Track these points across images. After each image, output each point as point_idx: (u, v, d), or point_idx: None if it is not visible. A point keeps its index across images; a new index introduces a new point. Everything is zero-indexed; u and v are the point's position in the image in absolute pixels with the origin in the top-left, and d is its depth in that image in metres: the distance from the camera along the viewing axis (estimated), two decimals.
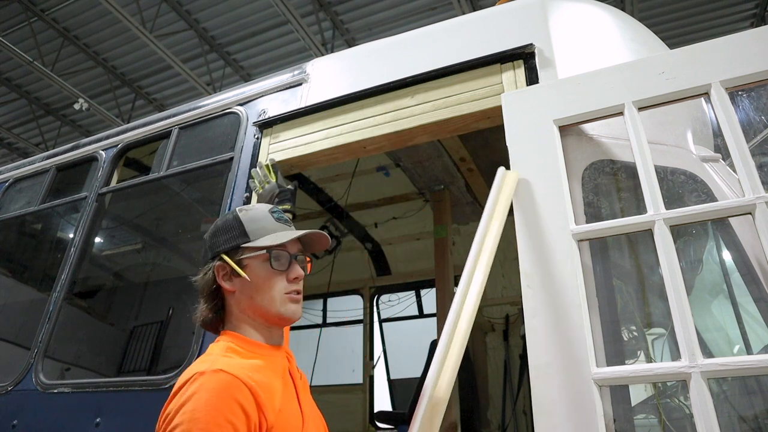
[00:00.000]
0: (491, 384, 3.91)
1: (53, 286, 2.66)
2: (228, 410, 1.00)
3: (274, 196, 2.03)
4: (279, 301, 1.26)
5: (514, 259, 1.51)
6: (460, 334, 1.34)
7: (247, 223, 1.30)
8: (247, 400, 1.03)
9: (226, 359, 1.14)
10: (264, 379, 1.12)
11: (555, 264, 1.44)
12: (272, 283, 1.26)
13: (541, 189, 1.56)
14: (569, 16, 2.03)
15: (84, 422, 2.14)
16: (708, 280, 1.67)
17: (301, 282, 1.31)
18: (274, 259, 1.27)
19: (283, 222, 1.33)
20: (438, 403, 1.25)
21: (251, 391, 1.05)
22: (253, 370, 1.12)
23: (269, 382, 1.13)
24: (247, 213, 1.33)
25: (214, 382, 1.04)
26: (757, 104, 1.72)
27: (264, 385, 1.10)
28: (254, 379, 1.08)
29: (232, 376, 1.05)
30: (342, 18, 8.54)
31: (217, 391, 1.02)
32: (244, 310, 1.27)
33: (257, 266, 1.26)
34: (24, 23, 8.78)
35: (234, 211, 1.35)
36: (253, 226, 1.30)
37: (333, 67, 2.47)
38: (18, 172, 3.45)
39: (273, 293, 1.25)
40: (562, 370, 1.32)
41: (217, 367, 1.07)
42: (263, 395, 1.07)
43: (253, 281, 1.25)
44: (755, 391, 1.41)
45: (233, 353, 1.18)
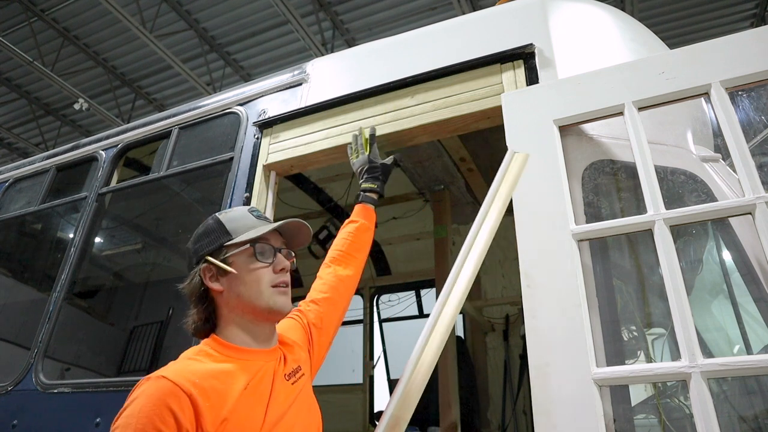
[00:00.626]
0: (491, 384, 3.91)
1: (53, 286, 2.66)
2: (157, 417, 1.03)
3: (363, 171, 1.98)
4: (267, 293, 1.27)
5: (514, 259, 1.51)
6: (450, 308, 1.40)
7: (228, 223, 1.33)
8: (182, 407, 1.06)
9: (184, 363, 1.17)
10: (218, 385, 1.13)
11: (555, 264, 1.44)
12: (258, 276, 1.27)
13: (541, 189, 1.56)
14: (569, 16, 2.03)
15: (84, 422, 2.14)
16: (708, 280, 1.67)
17: (288, 274, 1.32)
18: (259, 252, 1.29)
19: (263, 219, 1.36)
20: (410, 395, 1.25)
21: (190, 398, 1.07)
22: (209, 376, 1.14)
23: (224, 388, 1.14)
24: (227, 214, 1.36)
25: (152, 389, 1.08)
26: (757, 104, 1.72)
27: (214, 392, 1.11)
28: (202, 386, 1.10)
29: (171, 383, 1.08)
30: (342, 18, 8.54)
31: (153, 398, 1.06)
32: (233, 309, 1.28)
33: (242, 262, 1.28)
34: (24, 23, 8.79)
35: (213, 215, 1.37)
36: (234, 225, 1.32)
37: (333, 67, 2.47)
38: (18, 172, 3.45)
39: (260, 286, 1.27)
40: (562, 370, 1.32)
41: (160, 374, 1.10)
42: (206, 403, 1.08)
43: (239, 276, 1.27)
44: (755, 391, 1.41)
45: (204, 356, 1.21)
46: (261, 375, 1.24)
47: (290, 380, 1.31)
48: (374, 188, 1.94)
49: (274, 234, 1.35)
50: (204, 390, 1.10)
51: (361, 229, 1.84)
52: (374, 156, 2.00)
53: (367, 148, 2.02)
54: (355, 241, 1.79)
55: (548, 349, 1.36)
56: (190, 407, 1.07)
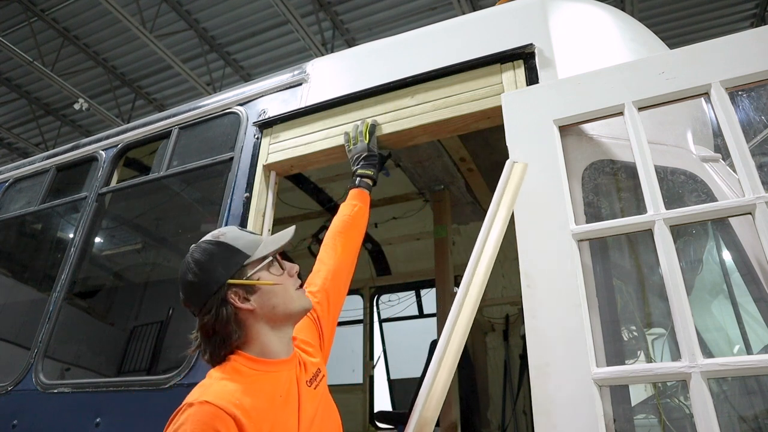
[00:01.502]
0: (491, 384, 3.91)
1: (53, 286, 2.66)
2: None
3: (361, 158, 2.04)
4: (296, 296, 1.34)
5: (514, 259, 1.51)
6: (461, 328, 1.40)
7: (235, 243, 1.32)
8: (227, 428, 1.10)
9: (221, 385, 1.19)
10: (256, 403, 1.17)
11: (555, 264, 1.44)
12: (286, 285, 1.33)
13: (541, 189, 1.56)
14: (569, 16, 2.03)
15: (84, 422, 2.14)
16: (708, 280, 1.67)
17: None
18: (277, 262, 1.35)
19: (252, 232, 1.43)
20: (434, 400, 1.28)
21: (234, 419, 1.11)
22: (246, 393, 1.18)
23: (261, 405, 1.18)
24: (227, 235, 1.35)
25: (198, 415, 1.11)
26: (757, 104, 1.72)
27: (254, 410, 1.15)
28: (242, 406, 1.14)
29: (215, 407, 1.11)
30: (342, 18, 8.54)
31: (200, 423, 1.09)
32: (267, 322, 1.30)
33: (266, 275, 1.31)
34: (24, 23, 8.79)
35: (207, 241, 1.34)
36: (241, 243, 1.33)
37: (333, 67, 2.47)
38: (18, 172, 3.45)
39: (290, 292, 1.33)
40: (562, 370, 1.32)
41: (203, 399, 1.13)
42: (249, 422, 1.13)
43: (272, 289, 1.30)
44: (755, 391, 1.41)
45: (236, 374, 1.23)
46: (288, 385, 1.28)
47: (312, 385, 1.36)
48: (370, 174, 2.01)
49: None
50: (245, 410, 1.14)
51: (360, 213, 1.91)
52: (373, 145, 2.05)
53: (367, 137, 2.06)
54: (354, 223, 1.86)
55: (548, 349, 1.36)
56: (235, 428, 1.11)
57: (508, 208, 1.57)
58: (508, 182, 1.60)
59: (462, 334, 1.41)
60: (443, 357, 1.38)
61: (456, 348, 1.40)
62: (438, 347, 1.40)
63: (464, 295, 1.47)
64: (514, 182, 1.60)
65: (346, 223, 1.86)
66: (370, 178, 2.01)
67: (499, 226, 1.55)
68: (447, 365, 1.37)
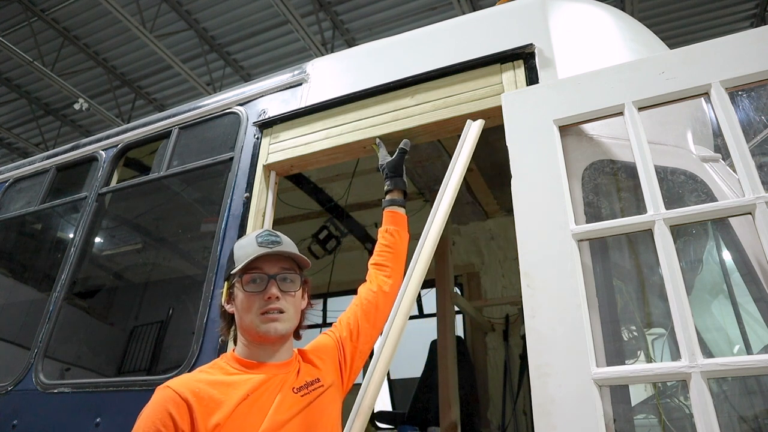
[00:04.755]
0: (491, 384, 3.90)
1: (53, 286, 2.66)
2: (159, 420, 1.20)
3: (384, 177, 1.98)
4: (256, 321, 1.37)
5: (514, 259, 1.51)
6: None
7: (236, 250, 1.44)
8: (179, 412, 1.21)
9: (193, 374, 1.35)
10: (217, 394, 1.26)
11: (555, 264, 1.44)
12: (249, 304, 1.37)
13: (541, 189, 1.56)
14: (569, 16, 2.03)
15: (84, 422, 2.14)
16: (708, 280, 1.67)
17: (281, 301, 1.38)
18: (249, 281, 1.38)
19: (267, 244, 1.41)
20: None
21: (187, 404, 1.22)
22: (211, 384, 1.29)
23: (222, 397, 1.26)
24: (240, 241, 1.48)
25: (157, 397, 1.26)
26: (757, 104, 1.71)
27: (211, 400, 1.25)
28: (199, 394, 1.25)
29: (172, 391, 1.25)
30: (342, 18, 8.54)
31: (156, 404, 1.24)
32: (239, 329, 1.42)
33: (239, 290, 1.40)
34: (24, 23, 8.79)
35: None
36: (239, 253, 1.42)
37: (333, 67, 2.47)
38: (18, 172, 3.45)
39: (251, 314, 1.37)
40: (562, 370, 1.32)
41: (166, 384, 1.27)
42: (201, 408, 1.22)
43: (237, 303, 1.40)
44: (755, 391, 1.41)
45: (216, 369, 1.37)
46: (266, 387, 1.33)
47: (299, 393, 1.38)
48: (388, 188, 1.93)
49: (273, 260, 1.40)
50: (201, 398, 1.24)
51: (387, 237, 1.84)
52: (381, 158, 2.00)
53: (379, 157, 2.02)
54: (386, 250, 1.83)
55: (548, 349, 1.36)
56: (187, 412, 1.22)
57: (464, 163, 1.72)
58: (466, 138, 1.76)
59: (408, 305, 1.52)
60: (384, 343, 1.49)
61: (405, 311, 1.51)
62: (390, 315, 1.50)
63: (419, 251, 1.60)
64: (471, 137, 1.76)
65: (378, 254, 1.83)
66: (389, 192, 1.93)
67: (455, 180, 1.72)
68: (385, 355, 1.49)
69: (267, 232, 1.46)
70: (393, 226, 1.86)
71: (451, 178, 1.73)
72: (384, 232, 1.85)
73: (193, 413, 1.21)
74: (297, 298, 1.44)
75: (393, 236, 1.84)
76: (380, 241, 1.84)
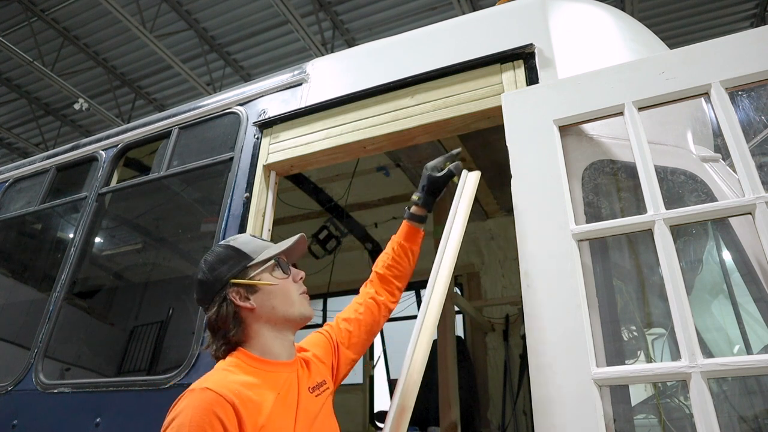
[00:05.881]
0: (491, 384, 3.90)
1: (53, 286, 2.66)
2: (208, 425, 1.11)
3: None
4: (298, 301, 1.38)
5: (514, 259, 1.51)
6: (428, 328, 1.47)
7: (243, 247, 1.41)
8: (227, 415, 1.13)
9: (222, 374, 1.24)
10: (253, 396, 1.20)
11: (555, 264, 1.44)
12: (287, 288, 1.38)
13: (541, 189, 1.56)
14: (569, 16, 2.03)
15: (84, 422, 2.14)
16: (708, 280, 1.67)
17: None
18: (283, 266, 1.39)
19: (264, 240, 1.47)
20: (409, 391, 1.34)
21: (233, 407, 1.14)
22: (245, 386, 1.21)
23: (259, 399, 1.21)
24: (237, 240, 1.43)
25: (198, 399, 1.15)
26: (757, 104, 1.71)
27: (250, 402, 1.18)
28: (241, 395, 1.18)
29: (215, 393, 1.15)
30: (342, 18, 8.54)
31: (201, 408, 1.13)
32: (266, 323, 1.35)
33: (268, 278, 1.37)
34: (24, 23, 8.78)
35: (220, 245, 1.43)
36: (249, 248, 1.40)
37: (333, 67, 2.47)
38: (18, 172, 3.45)
39: (291, 296, 1.38)
40: (562, 370, 1.32)
41: (204, 386, 1.17)
42: (245, 411, 1.15)
43: (272, 290, 1.36)
44: (755, 391, 1.41)
45: (235, 367, 1.28)
46: (288, 386, 1.31)
47: (314, 393, 1.37)
48: (417, 202, 1.74)
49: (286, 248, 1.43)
50: (243, 399, 1.17)
51: (398, 251, 1.74)
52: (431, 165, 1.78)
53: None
54: (394, 265, 1.74)
55: (548, 349, 1.36)
56: (234, 415, 1.14)
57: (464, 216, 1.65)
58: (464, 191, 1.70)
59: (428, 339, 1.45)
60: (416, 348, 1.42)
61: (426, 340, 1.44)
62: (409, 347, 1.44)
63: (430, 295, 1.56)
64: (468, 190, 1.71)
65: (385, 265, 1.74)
66: (413, 203, 1.74)
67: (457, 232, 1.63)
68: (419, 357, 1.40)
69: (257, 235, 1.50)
70: (407, 243, 1.74)
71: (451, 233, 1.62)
72: (405, 251, 1.75)
73: (241, 416, 1.15)
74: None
75: (408, 257, 1.75)
76: (396, 256, 1.73)
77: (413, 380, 1.35)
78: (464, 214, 1.66)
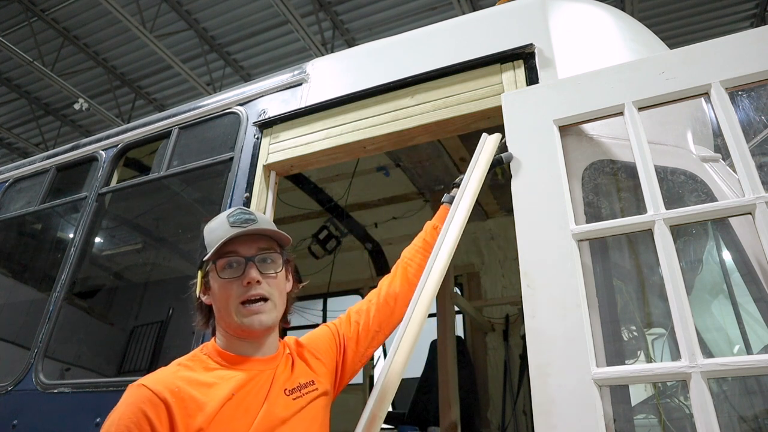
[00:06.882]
0: (491, 384, 3.90)
1: (53, 286, 2.66)
2: (134, 423, 1.07)
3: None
4: (235, 311, 1.21)
5: (514, 259, 1.51)
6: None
7: (207, 235, 1.29)
8: (157, 414, 1.08)
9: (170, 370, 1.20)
10: (197, 395, 1.13)
11: (555, 264, 1.44)
12: (226, 293, 1.22)
13: (541, 189, 1.56)
14: (569, 16, 2.03)
15: (84, 422, 2.14)
16: (708, 280, 1.67)
17: (263, 286, 1.23)
18: (224, 267, 1.23)
19: (240, 224, 1.25)
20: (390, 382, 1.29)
21: (165, 405, 1.09)
22: (191, 383, 1.15)
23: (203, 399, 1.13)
24: (208, 225, 1.31)
25: (131, 397, 1.12)
26: (757, 104, 1.71)
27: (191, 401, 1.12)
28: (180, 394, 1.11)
29: (149, 390, 1.11)
30: (342, 18, 8.54)
31: (131, 406, 1.10)
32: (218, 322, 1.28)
33: (214, 278, 1.24)
34: (24, 23, 8.78)
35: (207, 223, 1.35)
36: (210, 237, 1.27)
37: (333, 67, 2.47)
38: (18, 172, 3.45)
39: (228, 304, 1.22)
40: (562, 370, 1.32)
41: (140, 382, 1.14)
42: (180, 411, 1.10)
43: (214, 292, 1.25)
44: (755, 391, 1.41)
45: (196, 362, 1.22)
46: (252, 385, 1.20)
47: (292, 395, 1.25)
48: (456, 182, 1.68)
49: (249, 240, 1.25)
50: (182, 398, 1.11)
51: (433, 234, 1.62)
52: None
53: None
54: (423, 248, 1.61)
55: (548, 349, 1.36)
56: (166, 414, 1.08)
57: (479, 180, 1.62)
58: (481, 154, 1.66)
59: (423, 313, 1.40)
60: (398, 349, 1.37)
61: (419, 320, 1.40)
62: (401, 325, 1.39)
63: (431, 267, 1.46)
64: (486, 154, 1.66)
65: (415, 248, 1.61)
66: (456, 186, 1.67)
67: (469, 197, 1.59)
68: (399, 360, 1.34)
69: (239, 210, 1.29)
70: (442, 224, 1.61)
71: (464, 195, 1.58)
72: (431, 228, 1.64)
73: (173, 415, 1.08)
74: (280, 280, 1.28)
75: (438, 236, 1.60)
76: (423, 235, 1.63)
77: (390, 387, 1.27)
78: (479, 178, 1.60)
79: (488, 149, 1.66)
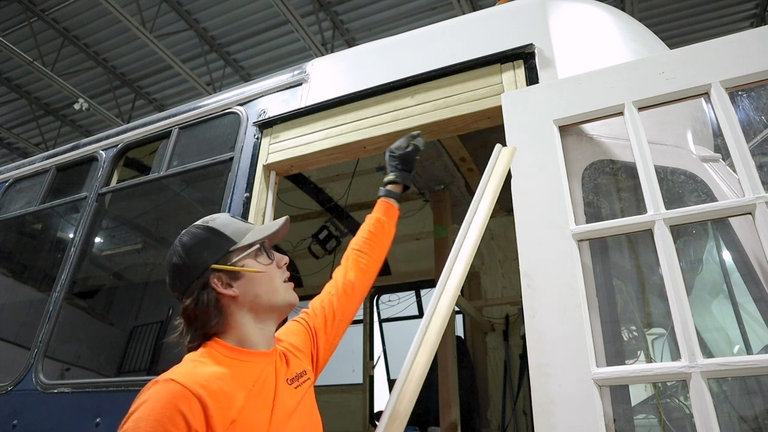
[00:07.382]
0: (491, 384, 3.91)
1: (53, 286, 2.66)
2: (168, 420, 1.01)
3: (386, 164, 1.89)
4: (282, 288, 1.32)
5: (514, 259, 1.51)
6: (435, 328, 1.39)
7: (224, 229, 1.31)
8: (192, 410, 1.04)
9: (191, 365, 1.15)
10: (225, 388, 1.12)
11: (555, 264, 1.44)
12: (272, 274, 1.31)
13: (541, 189, 1.56)
14: (569, 16, 2.03)
15: (84, 422, 2.14)
16: (708, 280, 1.67)
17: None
18: (267, 251, 1.33)
19: (245, 221, 1.41)
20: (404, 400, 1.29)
21: (200, 401, 1.05)
22: (216, 377, 1.13)
23: (230, 390, 1.12)
24: (216, 221, 1.33)
25: (161, 392, 1.05)
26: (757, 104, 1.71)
27: (222, 394, 1.10)
28: (211, 388, 1.09)
29: (180, 386, 1.06)
30: (342, 18, 8.54)
31: (162, 401, 1.04)
32: (249, 311, 1.27)
33: (252, 263, 1.29)
34: (24, 23, 8.78)
35: (197, 226, 1.33)
36: (230, 230, 1.31)
37: (333, 67, 2.47)
38: (18, 172, 3.45)
39: (275, 283, 1.31)
40: (562, 370, 1.32)
41: (169, 377, 1.08)
42: (215, 405, 1.07)
43: (256, 277, 1.28)
44: (755, 391, 1.41)
45: (208, 358, 1.19)
46: (264, 377, 1.22)
47: (293, 384, 1.29)
48: (390, 179, 1.83)
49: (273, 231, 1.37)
50: (212, 392, 1.08)
51: (377, 225, 1.75)
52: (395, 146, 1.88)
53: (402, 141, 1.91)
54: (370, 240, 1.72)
55: (548, 349, 1.36)
56: (200, 410, 1.05)
57: (494, 192, 1.60)
58: (495, 166, 1.64)
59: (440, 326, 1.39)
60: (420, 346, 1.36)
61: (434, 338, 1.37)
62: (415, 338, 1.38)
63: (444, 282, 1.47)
64: (501, 166, 1.64)
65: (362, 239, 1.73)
66: (390, 182, 1.83)
67: (484, 210, 1.58)
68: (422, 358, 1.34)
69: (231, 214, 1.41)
70: (385, 217, 1.77)
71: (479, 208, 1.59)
72: (375, 221, 1.76)
73: (208, 410, 1.05)
74: None
75: (383, 228, 1.75)
76: (368, 227, 1.75)
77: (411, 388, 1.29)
78: (493, 192, 1.60)
79: (503, 161, 1.66)
